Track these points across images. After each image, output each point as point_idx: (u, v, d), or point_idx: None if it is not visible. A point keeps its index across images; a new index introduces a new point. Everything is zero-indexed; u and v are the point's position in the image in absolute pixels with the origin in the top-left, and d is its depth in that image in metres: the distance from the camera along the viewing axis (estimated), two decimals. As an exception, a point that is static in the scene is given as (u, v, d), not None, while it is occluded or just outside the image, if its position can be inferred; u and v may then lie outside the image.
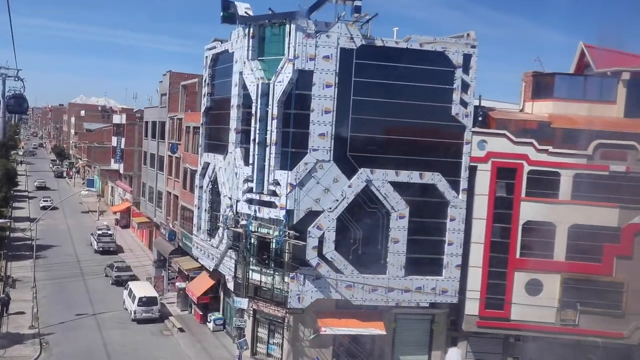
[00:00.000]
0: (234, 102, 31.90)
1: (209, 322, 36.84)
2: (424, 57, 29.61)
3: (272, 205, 29.61)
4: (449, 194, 30.26)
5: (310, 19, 28.72)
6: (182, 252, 42.97)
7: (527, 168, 30.11)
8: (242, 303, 29.98)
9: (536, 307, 30.17)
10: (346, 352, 30.84)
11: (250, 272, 30.71)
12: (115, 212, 72.58)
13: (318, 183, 29.15)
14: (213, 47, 35.63)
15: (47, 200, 77.93)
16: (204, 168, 36.66)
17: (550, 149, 30.06)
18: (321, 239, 29.13)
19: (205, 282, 37.61)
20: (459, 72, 29.84)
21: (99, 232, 57.92)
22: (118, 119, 72.95)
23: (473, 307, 30.67)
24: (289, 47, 28.92)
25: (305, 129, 29.00)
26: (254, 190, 30.16)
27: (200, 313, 37.93)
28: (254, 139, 29.81)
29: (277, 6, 29.70)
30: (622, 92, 32.32)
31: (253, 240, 30.60)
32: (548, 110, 32.39)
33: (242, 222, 30.44)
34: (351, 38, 28.91)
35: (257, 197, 30.19)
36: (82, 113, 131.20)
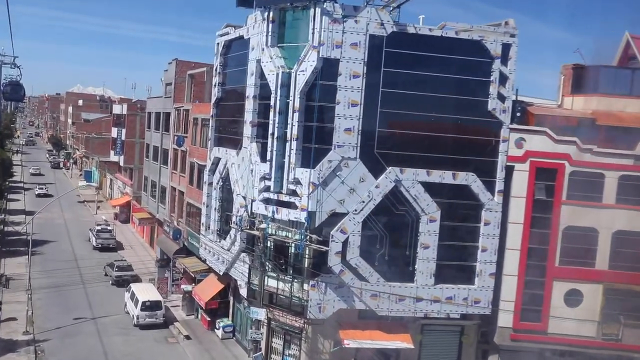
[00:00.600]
0: (249, 92, 29.31)
1: (218, 329, 34.34)
2: (459, 47, 27.16)
3: (291, 206, 27.06)
4: (484, 195, 27.87)
5: (337, 2, 26.15)
6: (187, 252, 40.46)
7: (568, 169, 27.91)
8: (259, 314, 27.47)
9: (576, 319, 28.10)
10: (368, 366, 28.51)
11: (266, 278, 28.22)
12: (114, 205, 70.03)
13: (343, 183, 26.63)
14: (226, 33, 32.95)
15: (42, 189, 75.41)
16: (214, 163, 34.08)
17: (594, 148, 27.87)
18: (345, 244, 26.68)
19: (214, 285, 35.07)
20: (496, 64, 27.45)
21: (98, 227, 55.34)
22: (118, 109, 70.34)
23: (507, 319, 28.46)
24: (313, 33, 26.31)
25: (329, 123, 26.47)
26: (271, 189, 27.62)
27: (207, 319, 35.39)
28: (273, 133, 27.27)
29: (299, -12, 27.13)
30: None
31: (269, 243, 28.12)
32: (591, 106, 29.93)
33: (259, 224, 27.91)
34: (381, 24, 26.34)
35: (275, 196, 27.65)
36: (80, 103, 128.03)
